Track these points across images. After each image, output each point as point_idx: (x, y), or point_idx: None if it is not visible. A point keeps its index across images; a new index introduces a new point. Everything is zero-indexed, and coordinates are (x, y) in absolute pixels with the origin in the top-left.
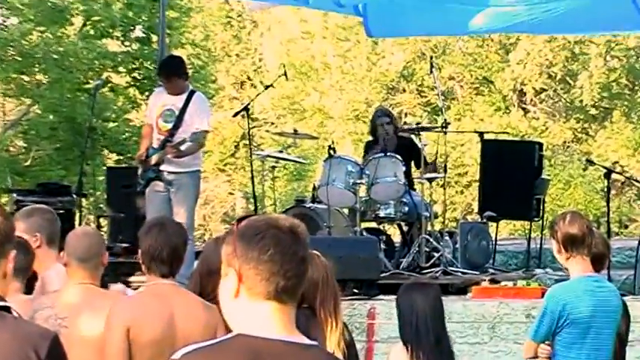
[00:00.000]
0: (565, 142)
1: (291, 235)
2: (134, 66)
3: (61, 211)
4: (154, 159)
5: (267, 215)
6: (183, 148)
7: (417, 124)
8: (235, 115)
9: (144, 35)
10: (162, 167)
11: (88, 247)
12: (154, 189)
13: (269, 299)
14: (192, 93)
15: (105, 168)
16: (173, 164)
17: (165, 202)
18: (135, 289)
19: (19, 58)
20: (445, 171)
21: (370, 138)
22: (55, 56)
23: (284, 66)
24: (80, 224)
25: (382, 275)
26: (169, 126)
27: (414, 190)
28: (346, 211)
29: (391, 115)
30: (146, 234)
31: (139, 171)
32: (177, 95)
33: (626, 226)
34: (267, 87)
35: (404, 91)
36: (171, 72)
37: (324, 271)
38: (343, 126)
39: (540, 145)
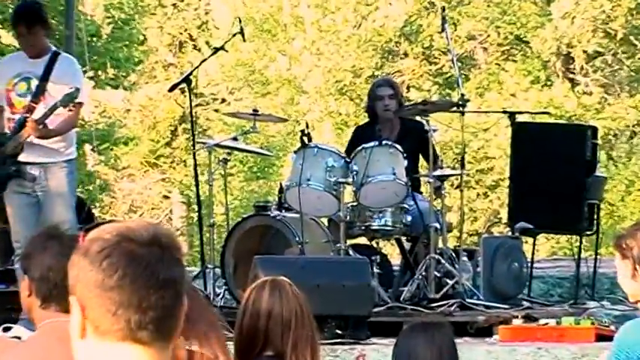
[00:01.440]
0: (628, 126)
1: (151, 250)
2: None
3: None
4: (8, 147)
5: (121, 224)
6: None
7: (423, 100)
8: (172, 88)
9: None
10: (22, 158)
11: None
12: (13, 190)
13: (123, 340)
14: (55, 55)
15: None
16: (37, 152)
17: (33, 207)
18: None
19: None
20: (462, 167)
21: (361, 123)
22: None
23: (240, 21)
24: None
25: (375, 310)
26: (26, 100)
27: (420, 192)
28: (326, 221)
29: (396, 86)
30: (41, 252)
31: None
32: (34, 59)
33: None
34: (216, 50)
35: (405, 55)
36: (35, 18)
37: (296, 304)
38: (322, 104)
39: (594, 130)
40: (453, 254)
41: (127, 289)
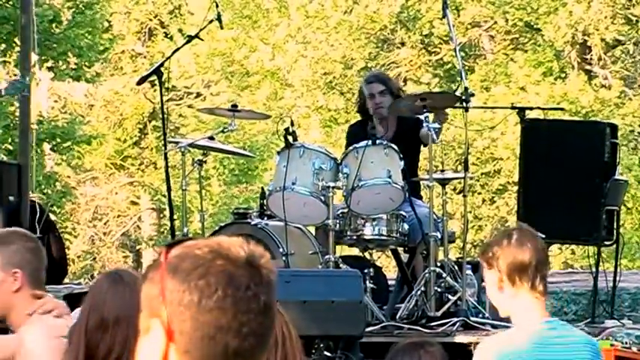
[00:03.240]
0: None
1: (249, 270)
2: None
3: None
4: None
5: (212, 240)
6: None
7: (422, 94)
8: (141, 81)
9: None
10: None
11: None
12: None
13: None
14: None
15: None
16: None
17: None
18: None
19: None
20: (466, 169)
21: (354, 120)
22: None
23: (217, 5)
24: None
25: (368, 330)
26: None
27: (419, 197)
28: (313, 230)
29: (387, 80)
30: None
31: None
32: None
33: None
34: (190, 38)
35: (402, 44)
36: None
37: (281, 323)
38: (308, 98)
39: (614, 127)
40: (456, 267)
41: (227, 312)
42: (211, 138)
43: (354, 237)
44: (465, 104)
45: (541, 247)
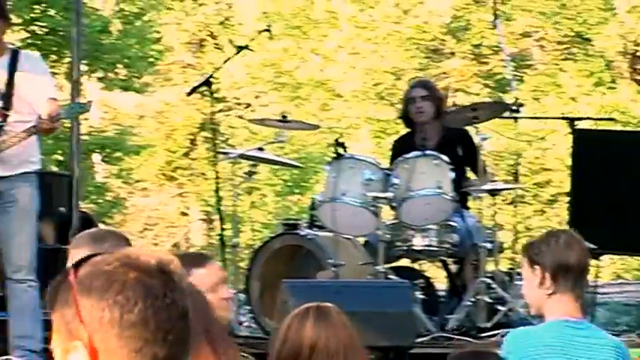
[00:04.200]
0: None
1: (162, 278)
2: (32, 15)
3: None
4: None
5: (117, 253)
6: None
7: (472, 105)
8: (191, 92)
9: None
10: None
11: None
12: None
13: None
14: (15, 53)
15: None
16: (2, 164)
17: None
18: None
19: None
20: (516, 180)
21: (400, 134)
22: None
23: (267, 16)
24: None
25: (418, 341)
26: None
27: (468, 208)
28: (363, 241)
29: (431, 86)
30: None
31: None
32: None
33: None
34: (240, 49)
35: (452, 55)
36: None
37: (345, 335)
38: (359, 109)
39: None
40: (506, 278)
41: (151, 323)
42: (261, 149)
43: (404, 248)
44: (515, 114)
45: (585, 253)
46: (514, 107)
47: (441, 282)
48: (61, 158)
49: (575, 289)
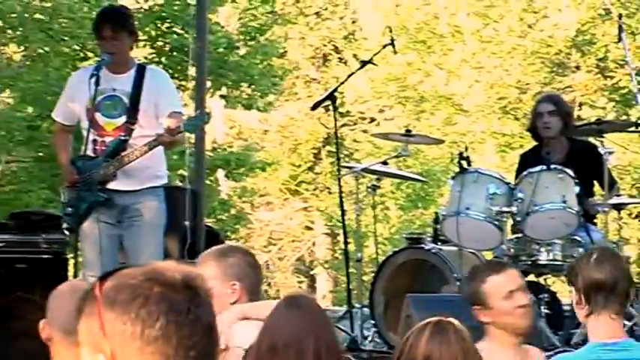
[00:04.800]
0: None
1: (187, 293)
2: (158, 31)
3: (48, 256)
4: (100, 172)
5: (145, 267)
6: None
7: (598, 119)
8: (315, 106)
9: None
10: (112, 185)
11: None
12: (97, 219)
13: None
14: (141, 68)
15: None
16: (129, 178)
17: (117, 239)
18: None
19: None
20: None
21: (527, 148)
22: (39, 16)
23: (390, 31)
24: (76, 275)
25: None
26: (118, 121)
27: (594, 223)
28: (488, 255)
29: (559, 101)
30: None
31: (64, 196)
32: (117, 74)
33: None
34: (364, 63)
35: (577, 69)
36: (122, 22)
37: (459, 350)
38: (483, 123)
39: None
40: (634, 294)
41: (173, 338)
42: (385, 163)
43: (529, 262)
44: None
45: (620, 268)
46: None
47: (565, 296)
48: (185, 173)
49: (610, 307)
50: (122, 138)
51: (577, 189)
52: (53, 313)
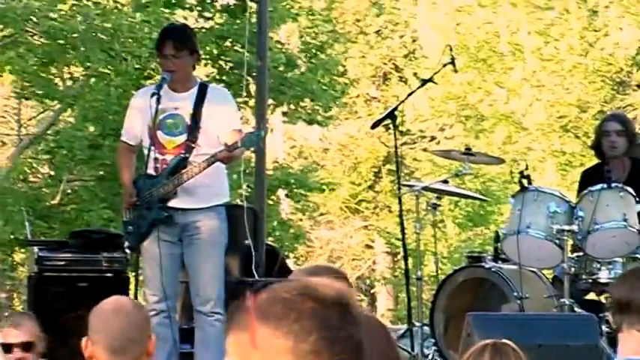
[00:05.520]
0: None
1: (340, 310)
2: (218, 50)
3: (109, 275)
4: (160, 190)
5: (298, 282)
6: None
7: None
8: (375, 125)
9: (234, 3)
10: (172, 203)
11: (121, 331)
12: (158, 237)
13: None
14: (203, 87)
15: None
16: (190, 196)
17: (177, 258)
18: None
19: (44, 41)
20: None
21: (588, 166)
22: (101, 36)
23: (451, 49)
24: (136, 294)
25: None
26: (179, 139)
27: None
28: (548, 273)
29: (627, 121)
30: None
31: (125, 214)
32: (179, 92)
33: None
34: (424, 82)
35: (638, 87)
36: (184, 40)
37: None
38: (544, 142)
39: None
40: None
41: (324, 354)
42: (445, 181)
43: (589, 281)
44: None
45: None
46: None
47: None
48: (246, 193)
49: (633, 323)
50: (182, 156)
51: (638, 207)
52: (96, 331)
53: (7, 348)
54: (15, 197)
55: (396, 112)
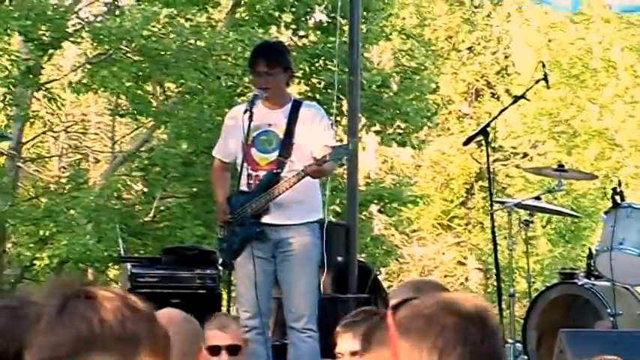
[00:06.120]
0: None
1: (481, 324)
2: (312, 67)
3: (202, 291)
4: (253, 207)
5: (437, 297)
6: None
7: None
8: (467, 141)
9: (327, 21)
10: (265, 219)
11: (171, 344)
12: (251, 254)
13: None
14: (297, 104)
15: None
16: (282, 212)
17: (270, 275)
18: None
19: (138, 58)
20: None
21: None
22: (193, 55)
23: (543, 66)
24: (229, 311)
25: None
26: (271, 156)
27: None
28: None
29: None
30: None
31: (220, 232)
32: (272, 109)
33: None
34: (516, 98)
35: None
36: (277, 57)
37: None
38: (636, 158)
39: None
40: None
41: None
42: (538, 198)
43: None
44: None
45: None
46: None
47: None
48: (338, 209)
49: None
50: (275, 171)
51: None
52: None
53: (215, 350)
54: (108, 214)
55: (488, 129)
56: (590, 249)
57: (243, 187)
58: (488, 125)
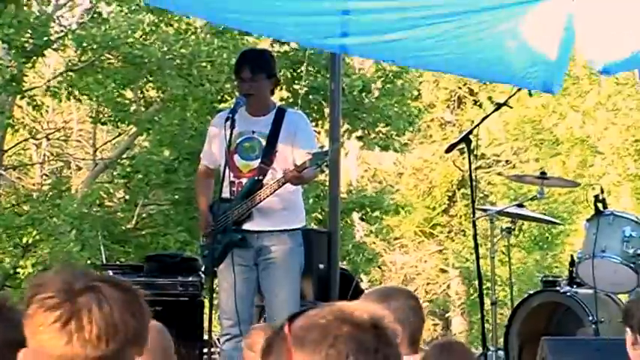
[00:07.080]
0: None
1: (375, 333)
2: (294, 74)
3: (184, 299)
4: (234, 213)
5: (333, 307)
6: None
7: None
8: (450, 149)
9: None
10: (247, 226)
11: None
12: (233, 262)
13: None
14: (281, 111)
15: None
16: (265, 219)
17: (252, 282)
18: None
19: (120, 65)
20: None
21: None
22: (177, 60)
23: None
24: (211, 318)
25: None
26: (254, 163)
27: None
28: (623, 298)
29: None
30: None
31: (202, 239)
32: (256, 116)
33: None
34: (499, 106)
35: None
36: (261, 64)
37: None
38: (619, 166)
39: None
40: None
41: None
42: (520, 205)
43: None
44: None
45: None
46: None
47: None
48: (320, 217)
49: None
50: (257, 178)
51: None
52: None
53: None
54: (91, 222)
55: (470, 136)
56: (572, 256)
57: (225, 194)
58: (470, 133)
